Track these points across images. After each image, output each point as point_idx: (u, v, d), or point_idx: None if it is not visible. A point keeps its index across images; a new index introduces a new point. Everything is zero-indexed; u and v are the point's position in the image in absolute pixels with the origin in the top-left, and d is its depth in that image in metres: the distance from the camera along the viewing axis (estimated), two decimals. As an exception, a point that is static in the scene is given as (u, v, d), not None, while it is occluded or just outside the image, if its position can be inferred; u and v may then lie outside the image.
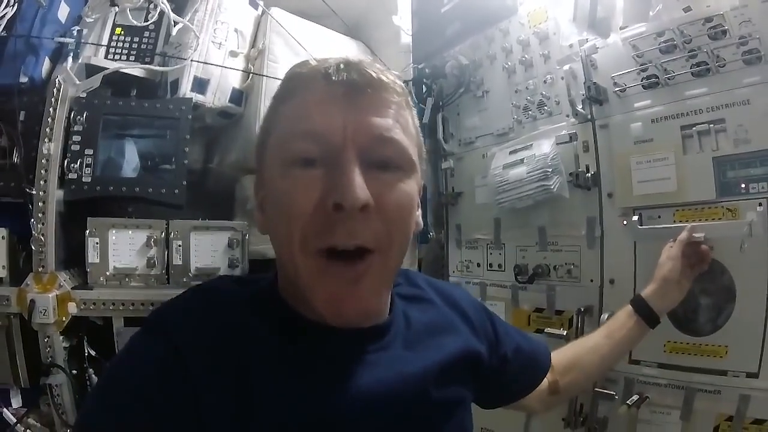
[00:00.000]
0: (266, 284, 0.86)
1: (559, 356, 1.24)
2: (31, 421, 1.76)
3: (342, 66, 0.74)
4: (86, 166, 1.77)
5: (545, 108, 1.78)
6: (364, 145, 0.73)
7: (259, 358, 0.73)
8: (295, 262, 0.73)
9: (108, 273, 1.78)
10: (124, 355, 0.76)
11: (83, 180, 1.77)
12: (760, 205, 1.28)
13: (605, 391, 1.52)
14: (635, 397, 1.45)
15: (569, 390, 1.27)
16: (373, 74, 0.74)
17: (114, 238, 1.78)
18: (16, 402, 1.80)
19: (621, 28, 1.57)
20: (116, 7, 1.88)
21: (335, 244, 0.71)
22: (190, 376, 0.68)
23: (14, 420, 1.73)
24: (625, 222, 1.54)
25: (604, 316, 1.51)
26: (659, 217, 1.48)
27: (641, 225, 1.50)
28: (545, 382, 1.19)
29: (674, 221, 1.44)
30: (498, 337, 1.06)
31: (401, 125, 0.77)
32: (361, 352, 0.81)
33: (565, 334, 1.62)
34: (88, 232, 1.75)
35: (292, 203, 0.72)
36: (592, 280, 1.63)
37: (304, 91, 0.76)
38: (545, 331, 1.69)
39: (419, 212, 0.85)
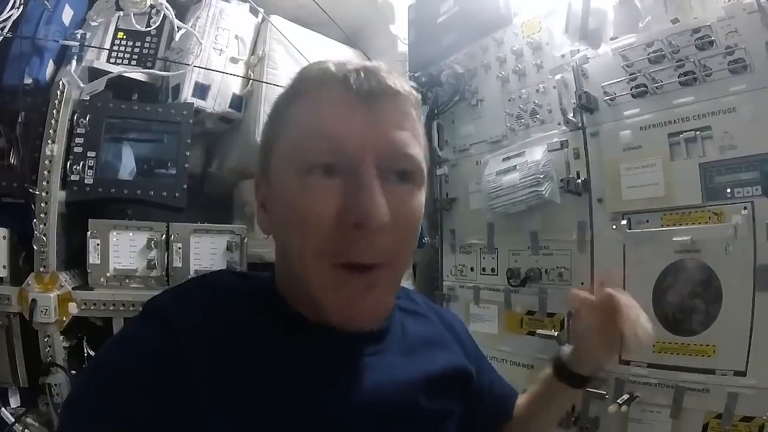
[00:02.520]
0: (266, 281, 0.86)
1: None
2: (29, 420, 1.76)
3: (361, 72, 0.73)
4: (88, 168, 1.79)
5: (537, 116, 1.81)
6: (383, 158, 0.72)
7: (256, 354, 0.73)
8: (307, 270, 0.73)
9: (108, 274, 1.79)
10: (121, 341, 0.75)
11: (85, 182, 1.79)
12: (745, 209, 1.31)
13: (596, 390, 1.54)
14: (626, 397, 1.47)
15: None
16: (392, 84, 0.74)
17: (115, 239, 1.80)
18: (15, 401, 1.80)
19: (611, 39, 1.61)
20: (121, 12, 1.90)
21: (355, 260, 0.71)
22: (187, 367, 0.68)
23: (12, 419, 1.73)
24: (614, 226, 1.56)
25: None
26: (647, 221, 1.51)
27: (630, 229, 1.53)
28: None
29: (662, 225, 1.47)
30: (482, 366, 1.08)
31: (416, 138, 0.77)
32: (357, 355, 0.81)
33: (556, 335, 1.65)
34: (89, 233, 1.77)
35: (309, 213, 0.71)
36: (582, 283, 1.65)
37: (321, 93, 0.75)
38: (537, 332, 1.71)
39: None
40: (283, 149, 0.78)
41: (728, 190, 1.36)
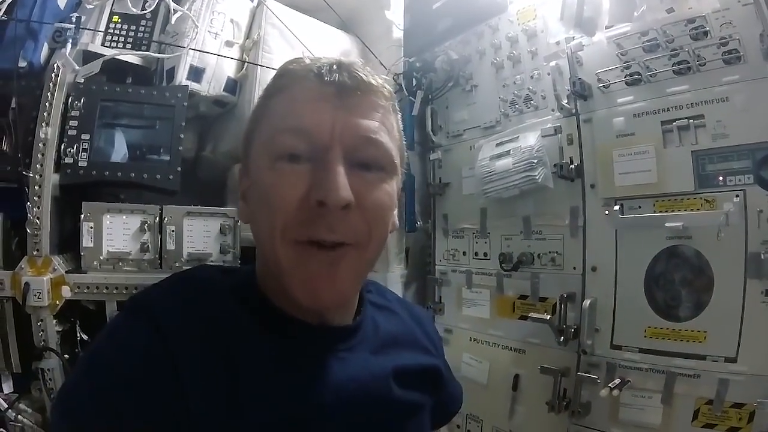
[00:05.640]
0: (247, 275, 0.86)
1: None
2: (22, 406, 1.72)
3: (334, 67, 0.76)
4: (82, 151, 1.74)
5: (531, 102, 1.80)
6: (350, 145, 0.74)
7: (243, 350, 0.74)
8: (275, 250, 0.73)
9: (102, 257, 1.74)
10: (109, 338, 0.74)
11: (79, 165, 1.74)
12: (737, 196, 1.31)
13: (588, 375, 1.55)
14: (617, 381, 1.47)
15: None
16: (364, 77, 0.76)
17: (108, 222, 1.75)
18: (8, 387, 1.76)
19: (606, 27, 1.60)
20: (120, -7, 1.86)
21: (315, 237, 0.72)
22: (177, 366, 0.68)
23: (5, 405, 1.69)
24: (606, 212, 1.55)
25: (586, 302, 1.54)
26: (640, 207, 1.50)
27: (622, 215, 1.52)
28: None
29: (654, 211, 1.47)
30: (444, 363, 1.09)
31: (387, 128, 0.78)
32: (334, 349, 0.82)
33: (549, 319, 1.64)
34: (83, 216, 1.72)
35: (277, 196, 0.73)
36: (575, 268, 1.65)
37: (296, 87, 0.77)
38: (530, 316, 1.71)
39: (396, 212, 0.86)
40: (259, 141, 0.79)
41: (720, 178, 1.36)
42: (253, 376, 0.72)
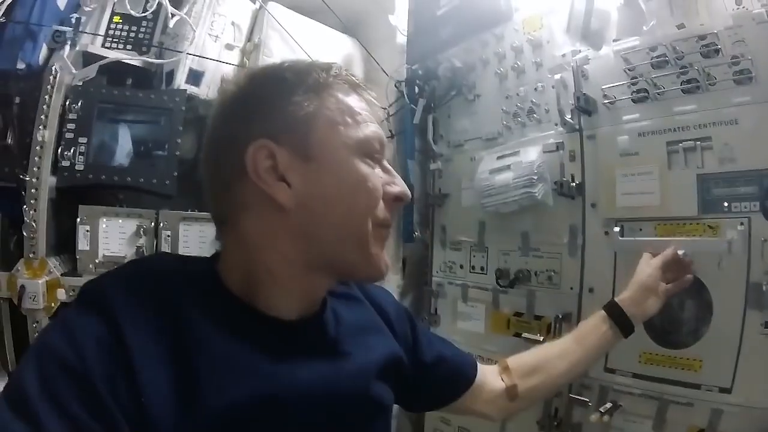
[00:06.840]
0: (206, 265, 0.83)
1: (521, 359, 1.26)
2: (17, 405, 1.73)
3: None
4: (79, 154, 1.74)
5: (534, 115, 1.71)
6: None
7: (202, 342, 0.71)
8: (364, 228, 0.79)
9: (97, 260, 1.75)
10: (59, 331, 0.69)
11: (76, 167, 1.73)
12: (742, 224, 1.22)
13: (579, 397, 1.49)
14: (608, 405, 1.41)
15: (531, 396, 1.24)
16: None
17: (104, 226, 1.76)
18: (3, 386, 1.76)
19: (614, 41, 1.50)
20: (118, -5, 1.83)
21: (388, 222, 0.83)
22: (132, 357, 0.65)
23: (0, 404, 1.70)
24: (606, 232, 1.48)
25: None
26: (641, 229, 1.42)
27: (622, 236, 1.44)
28: (502, 386, 1.20)
29: (656, 235, 1.39)
30: (417, 344, 1.09)
31: None
32: (297, 343, 0.81)
33: (542, 339, 1.57)
34: (79, 219, 1.73)
35: (373, 187, 0.80)
36: (571, 288, 1.57)
37: (358, 93, 0.84)
38: (523, 335, 1.64)
39: None
40: (336, 132, 0.80)
41: (725, 204, 1.27)
42: (211, 371, 0.70)
